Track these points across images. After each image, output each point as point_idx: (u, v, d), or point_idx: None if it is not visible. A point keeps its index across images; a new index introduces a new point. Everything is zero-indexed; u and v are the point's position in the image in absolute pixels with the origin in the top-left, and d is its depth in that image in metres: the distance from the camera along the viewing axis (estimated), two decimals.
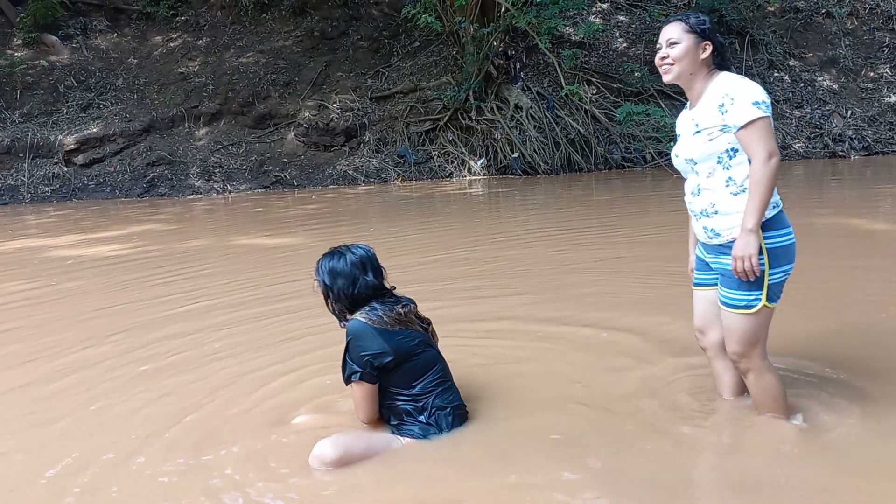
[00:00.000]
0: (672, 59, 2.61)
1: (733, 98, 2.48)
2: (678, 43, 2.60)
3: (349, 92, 15.82)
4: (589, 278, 5.32)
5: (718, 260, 2.63)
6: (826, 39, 16.72)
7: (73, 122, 15.30)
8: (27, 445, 2.90)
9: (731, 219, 2.53)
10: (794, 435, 2.61)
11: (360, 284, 2.76)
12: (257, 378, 3.51)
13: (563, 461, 2.52)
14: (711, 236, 2.62)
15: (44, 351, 4.14)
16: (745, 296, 2.51)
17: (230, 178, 14.47)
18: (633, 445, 2.63)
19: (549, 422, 2.86)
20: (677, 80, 2.65)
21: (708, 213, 2.60)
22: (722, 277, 2.61)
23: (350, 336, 2.69)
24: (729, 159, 2.54)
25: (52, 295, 5.66)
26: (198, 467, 2.63)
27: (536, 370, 3.45)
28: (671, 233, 6.46)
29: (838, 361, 3.28)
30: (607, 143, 14.40)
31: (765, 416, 2.69)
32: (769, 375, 2.66)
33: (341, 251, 2.83)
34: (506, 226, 8.65)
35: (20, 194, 14.10)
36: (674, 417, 2.83)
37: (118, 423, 3.06)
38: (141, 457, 2.73)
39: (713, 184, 2.58)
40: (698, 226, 2.69)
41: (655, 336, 3.80)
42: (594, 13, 16.84)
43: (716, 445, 2.67)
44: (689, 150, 2.63)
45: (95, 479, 2.58)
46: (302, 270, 6.20)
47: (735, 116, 2.47)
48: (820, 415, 2.77)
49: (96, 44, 17.30)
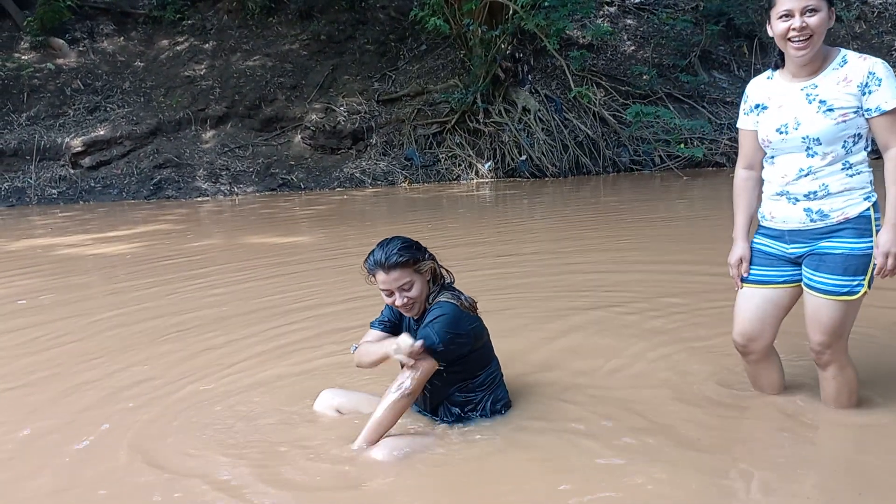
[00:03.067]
0: (812, 28, 2.30)
1: (880, 79, 2.30)
2: (818, 11, 2.29)
3: (356, 95, 15.78)
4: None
5: (824, 243, 2.42)
6: (834, 43, 16.42)
7: (80, 125, 15.27)
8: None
9: (842, 199, 2.38)
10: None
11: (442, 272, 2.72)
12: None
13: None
14: (816, 219, 2.42)
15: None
16: (850, 281, 2.37)
17: (237, 181, 14.42)
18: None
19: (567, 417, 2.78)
20: (811, 55, 2.35)
21: (816, 194, 2.41)
22: (822, 263, 2.42)
23: (443, 313, 2.51)
24: (853, 144, 2.39)
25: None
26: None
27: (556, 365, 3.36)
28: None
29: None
30: (616, 146, 14.33)
31: (838, 411, 2.60)
32: (850, 369, 2.56)
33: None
34: (539, 229, 8.57)
35: (27, 196, 14.06)
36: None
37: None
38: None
39: (829, 166, 2.39)
40: (796, 209, 2.45)
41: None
42: (602, 16, 16.79)
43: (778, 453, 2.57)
44: (815, 128, 2.37)
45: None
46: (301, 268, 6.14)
47: (880, 99, 2.30)
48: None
49: (103, 47, 17.29)
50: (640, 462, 2.37)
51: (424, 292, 2.58)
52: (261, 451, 2.57)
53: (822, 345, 2.48)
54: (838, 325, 2.43)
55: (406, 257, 2.53)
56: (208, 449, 2.61)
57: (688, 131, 13.59)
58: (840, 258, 2.38)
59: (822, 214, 2.42)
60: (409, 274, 2.52)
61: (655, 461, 2.36)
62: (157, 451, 2.62)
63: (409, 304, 2.56)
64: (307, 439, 2.64)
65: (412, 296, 2.54)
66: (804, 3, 2.28)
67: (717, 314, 3.85)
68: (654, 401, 2.86)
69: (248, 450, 2.59)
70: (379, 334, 2.75)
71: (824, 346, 2.48)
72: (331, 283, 5.33)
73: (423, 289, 2.58)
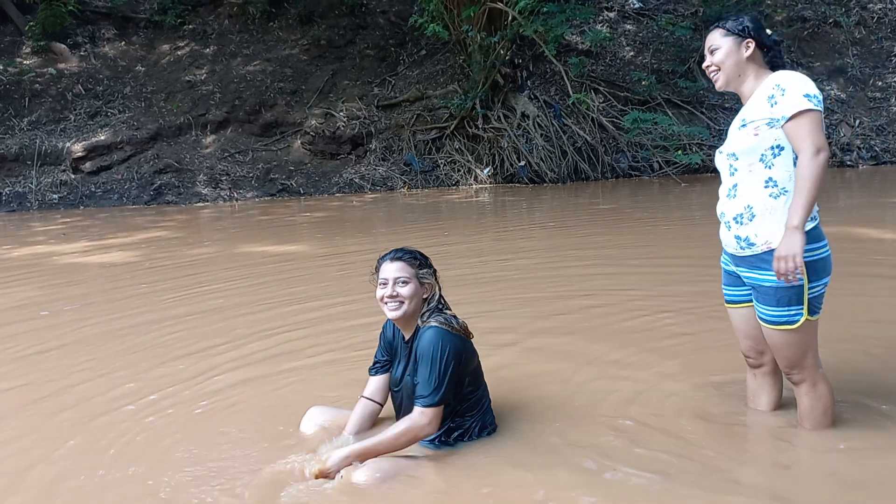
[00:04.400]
0: (716, 63, 2.57)
1: (784, 89, 2.38)
2: (719, 48, 2.56)
3: (356, 100, 15.84)
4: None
5: (752, 274, 2.49)
6: (834, 49, 16.68)
7: (81, 130, 15.35)
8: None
9: (768, 226, 2.40)
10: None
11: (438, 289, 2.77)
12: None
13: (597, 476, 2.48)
14: (744, 246, 2.48)
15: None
16: (786, 311, 2.42)
17: (237, 186, 14.49)
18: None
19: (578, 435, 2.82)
20: (727, 87, 2.59)
21: (742, 218, 2.46)
22: (757, 293, 2.49)
23: (436, 348, 2.52)
24: (773, 157, 2.42)
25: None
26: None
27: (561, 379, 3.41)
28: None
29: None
30: (614, 152, 14.38)
31: (810, 430, 2.61)
32: (822, 385, 2.58)
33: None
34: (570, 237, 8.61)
35: (28, 201, 14.14)
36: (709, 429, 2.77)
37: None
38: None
39: (752, 183, 2.45)
40: (729, 235, 2.53)
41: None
42: (601, 22, 16.84)
43: (761, 462, 2.60)
44: (732, 144, 2.53)
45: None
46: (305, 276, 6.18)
47: (784, 107, 2.36)
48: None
49: (104, 52, 17.38)
50: (633, 479, 2.40)
51: (416, 302, 2.64)
52: (243, 469, 2.62)
53: (786, 367, 2.56)
54: (794, 350, 2.49)
55: (414, 258, 2.70)
56: (186, 468, 2.67)
57: (686, 137, 13.63)
58: (771, 290, 2.43)
59: (748, 242, 2.46)
60: (409, 273, 2.65)
61: (651, 480, 2.39)
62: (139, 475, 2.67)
63: (398, 300, 2.63)
64: (290, 457, 2.69)
65: (404, 293, 2.62)
66: (708, 44, 2.61)
67: (712, 329, 3.89)
68: (650, 417, 2.90)
69: (229, 463, 2.66)
70: (378, 382, 2.85)
71: (789, 367, 2.55)
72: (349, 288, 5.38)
73: (416, 298, 2.64)
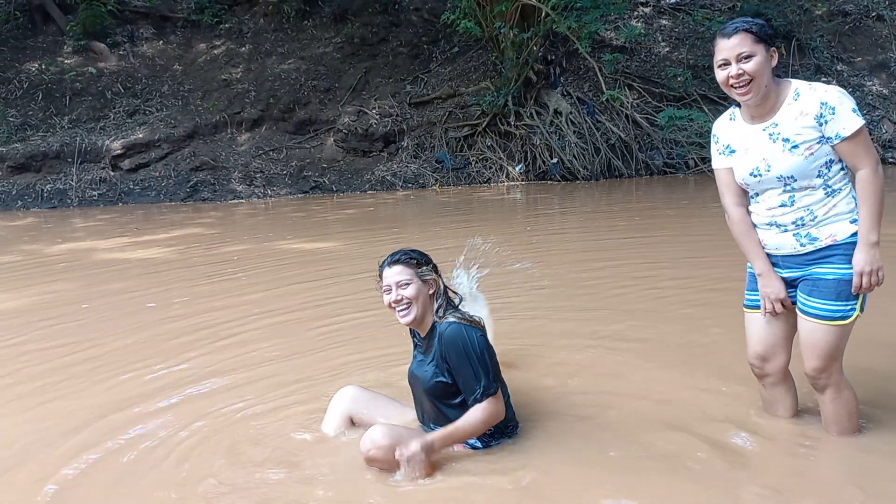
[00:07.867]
0: (751, 73, 2.37)
1: (833, 108, 2.34)
2: (753, 56, 2.37)
3: (388, 98, 15.89)
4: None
5: (813, 269, 2.48)
6: (876, 43, 16.28)
7: (120, 128, 15.65)
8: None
9: (829, 223, 2.43)
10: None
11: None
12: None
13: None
14: (805, 243, 2.47)
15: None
16: (842, 306, 2.42)
17: (270, 183, 14.64)
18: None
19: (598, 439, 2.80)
20: (756, 103, 2.42)
21: (803, 221, 2.46)
22: (813, 288, 2.47)
23: (466, 341, 2.56)
24: (828, 170, 2.43)
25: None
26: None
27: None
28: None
29: None
30: (649, 149, 14.22)
31: (836, 436, 2.58)
32: (847, 391, 2.57)
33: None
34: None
35: (68, 198, 14.45)
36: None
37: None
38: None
39: (810, 195, 2.45)
40: (785, 237, 2.50)
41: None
42: (636, 17, 16.65)
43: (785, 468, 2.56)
44: (786, 167, 2.42)
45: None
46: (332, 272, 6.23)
47: (837, 126, 2.35)
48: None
49: (143, 51, 17.69)
50: (649, 483, 2.39)
51: (423, 301, 2.65)
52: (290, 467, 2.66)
53: (816, 370, 2.51)
54: (833, 349, 2.47)
55: (411, 258, 2.68)
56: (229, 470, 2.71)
57: None
58: (832, 283, 2.43)
59: (811, 238, 2.46)
60: (409, 274, 2.65)
61: (669, 483, 2.38)
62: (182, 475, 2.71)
63: (403, 303, 2.64)
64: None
65: (408, 294, 2.62)
66: (737, 51, 2.37)
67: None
68: (666, 423, 2.88)
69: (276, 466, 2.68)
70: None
71: (819, 370, 2.51)
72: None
73: (422, 297, 2.65)
